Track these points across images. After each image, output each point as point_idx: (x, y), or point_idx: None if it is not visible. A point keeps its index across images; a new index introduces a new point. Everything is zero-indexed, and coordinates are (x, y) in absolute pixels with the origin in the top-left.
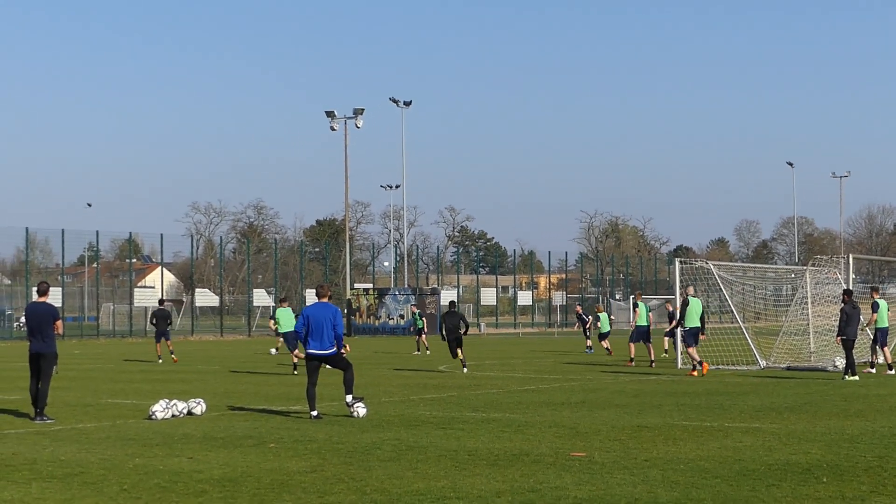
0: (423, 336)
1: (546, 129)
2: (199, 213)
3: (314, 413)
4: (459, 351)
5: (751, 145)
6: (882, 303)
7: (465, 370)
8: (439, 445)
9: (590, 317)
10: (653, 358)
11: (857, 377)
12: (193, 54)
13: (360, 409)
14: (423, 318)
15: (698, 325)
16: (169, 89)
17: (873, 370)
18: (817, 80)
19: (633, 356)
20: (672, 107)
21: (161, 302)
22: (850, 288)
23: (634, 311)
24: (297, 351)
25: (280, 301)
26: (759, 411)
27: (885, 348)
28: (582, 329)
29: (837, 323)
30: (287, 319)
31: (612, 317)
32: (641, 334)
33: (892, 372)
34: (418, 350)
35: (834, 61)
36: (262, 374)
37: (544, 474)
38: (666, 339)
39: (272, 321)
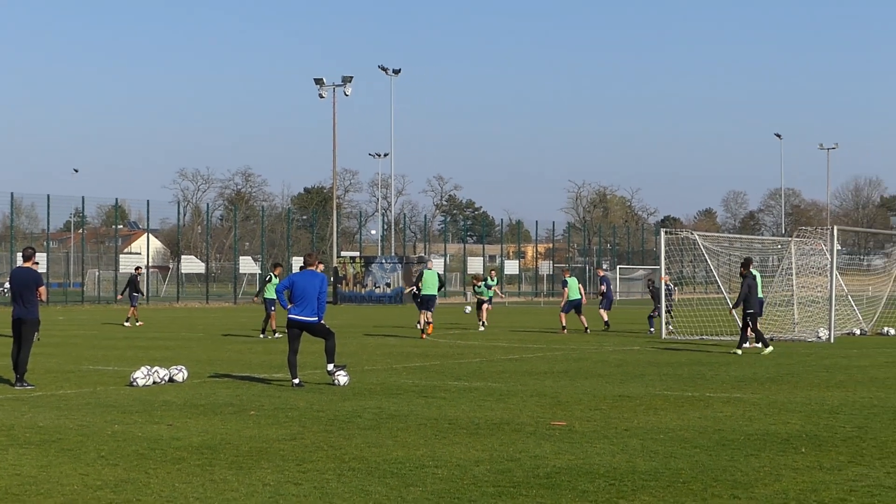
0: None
1: (535, 99)
2: (186, 180)
3: (295, 381)
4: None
5: (739, 117)
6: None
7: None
8: (420, 414)
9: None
10: (586, 325)
11: (768, 348)
12: (183, 21)
13: (342, 378)
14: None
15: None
16: (157, 55)
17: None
18: (806, 52)
19: (564, 325)
20: (661, 78)
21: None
22: (747, 259)
23: (564, 287)
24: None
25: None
26: (740, 381)
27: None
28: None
29: (739, 294)
30: (432, 282)
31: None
32: (574, 306)
33: (756, 345)
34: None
35: (822, 33)
36: (246, 342)
37: (524, 443)
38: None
39: None
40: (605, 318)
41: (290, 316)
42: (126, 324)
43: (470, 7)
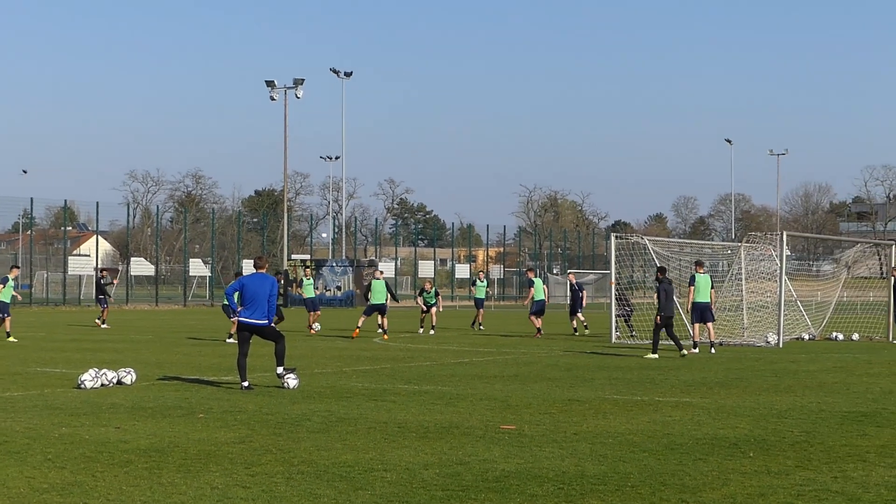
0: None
1: (486, 103)
2: (136, 182)
3: (245, 384)
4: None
5: (690, 122)
6: (700, 277)
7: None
8: (369, 417)
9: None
10: (539, 326)
11: (654, 355)
12: (134, 22)
13: (292, 381)
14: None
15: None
16: (107, 56)
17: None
18: (756, 58)
19: (539, 327)
20: (612, 83)
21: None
22: (662, 266)
23: (529, 288)
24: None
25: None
26: (689, 386)
27: (705, 324)
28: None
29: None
30: (380, 291)
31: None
32: (540, 307)
33: (696, 351)
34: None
35: (773, 39)
36: (196, 345)
37: (473, 447)
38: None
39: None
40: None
41: (240, 319)
42: (104, 325)
43: (422, 10)
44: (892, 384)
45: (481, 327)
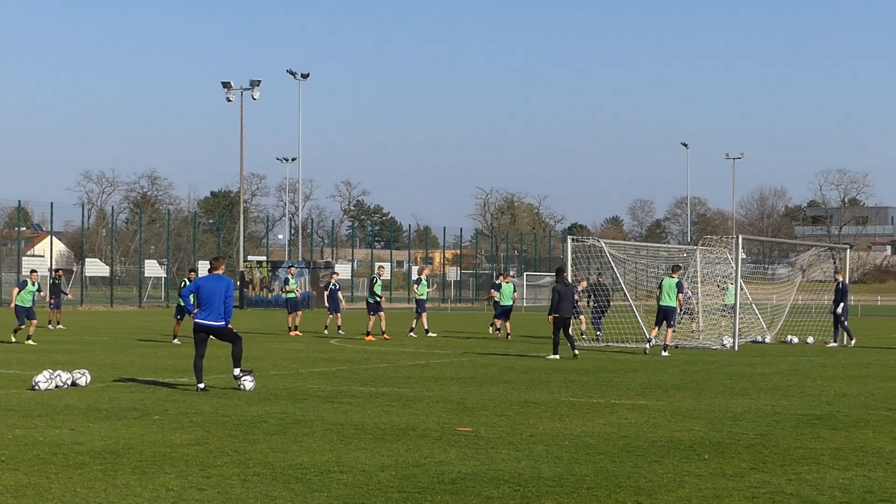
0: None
1: (443, 105)
2: (91, 183)
3: (201, 385)
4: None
5: (646, 125)
6: (668, 281)
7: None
8: (326, 419)
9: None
10: (509, 332)
11: (556, 356)
12: (90, 20)
13: (248, 383)
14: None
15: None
16: (63, 55)
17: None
18: (713, 62)
19: (509, 332)
20: (569, 85)
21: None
22: (560, 268)
23: (498, 290)
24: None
25: (500, 275)
26: (645, 388)
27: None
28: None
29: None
30: (508, 292)
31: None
32: (505, 311)
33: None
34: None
35: (729, 44)
36: (151, 346)
37: (429, 449)
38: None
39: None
40: None
41: (196, 321)
42: (60, 326)
43: (378, 12)
44: (847, 387)
45: (430, 333)
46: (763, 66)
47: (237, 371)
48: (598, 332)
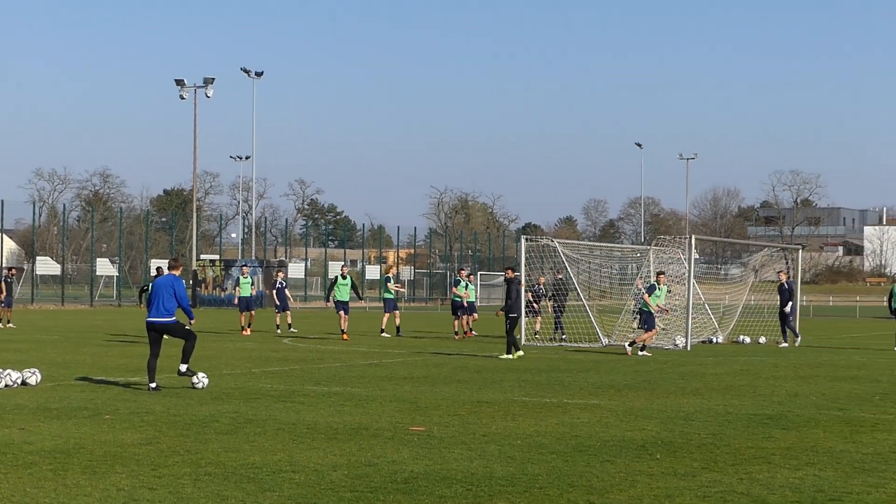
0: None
1: (397, 104)
2: (42, 180)
3: (153, 385)
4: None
5: (600, 125)
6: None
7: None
8: (278, 419)
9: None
10: (456, 330)
11: (510, 355)
12: (42, 17)
13: (203, 380)
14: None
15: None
16: (13, 51)
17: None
18: (667, 62)
19: (457, 330)
20: (523, 85)
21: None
22: (511, 266)
23: (455, 287)
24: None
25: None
26: (598, 388)
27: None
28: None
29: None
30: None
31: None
32: (464, 308)
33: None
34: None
35: (683, 43)
36: (102, 345)
37: (382, 448)
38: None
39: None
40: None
41: (147, 319)
42: (11, 325)
43: (333, 10)
44: (798, 387)
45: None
46: (716, 67)
47: (184, 367)
48: (563, 334)
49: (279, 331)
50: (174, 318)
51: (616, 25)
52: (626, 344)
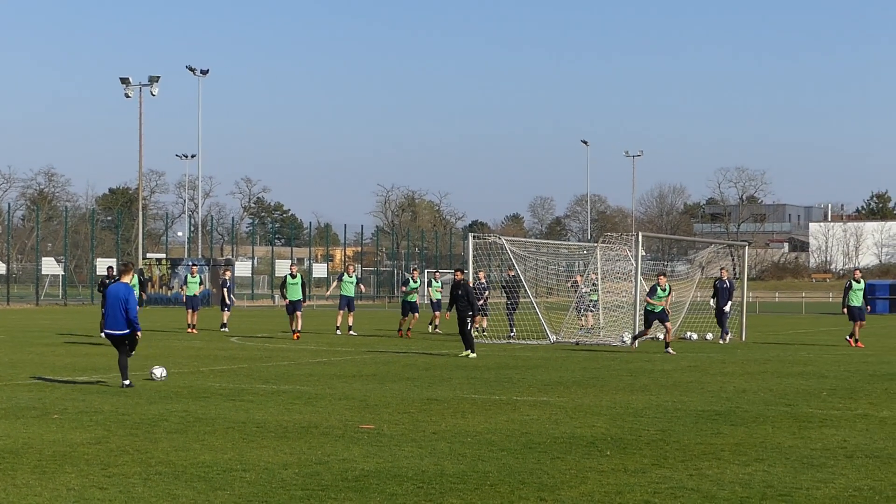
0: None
1: (343, 101)
2: None
3: (126, 382)
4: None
5: (546, 123)
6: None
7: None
8: (228, 417)
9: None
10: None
11: (472, 353)
12: None
13: (158, 372)
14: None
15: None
16: None
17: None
18: (612, 59)
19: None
20: (469, 82)
21: None
22: (459, 268)
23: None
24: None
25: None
26: (547, 385)
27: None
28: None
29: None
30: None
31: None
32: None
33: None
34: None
35: (629, 40)
36: (49, 345)
37: (332, 447)
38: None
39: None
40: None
41: (104, 332)
42: None
43: (277, 8)
44: (746, 383)
45: (351, 332)
46: (662, 64)
47: (127, 381)
48: (512, 331)
49: (226, 329)
50: (125, 330)
51: (560, 22)
52: (629, 337)
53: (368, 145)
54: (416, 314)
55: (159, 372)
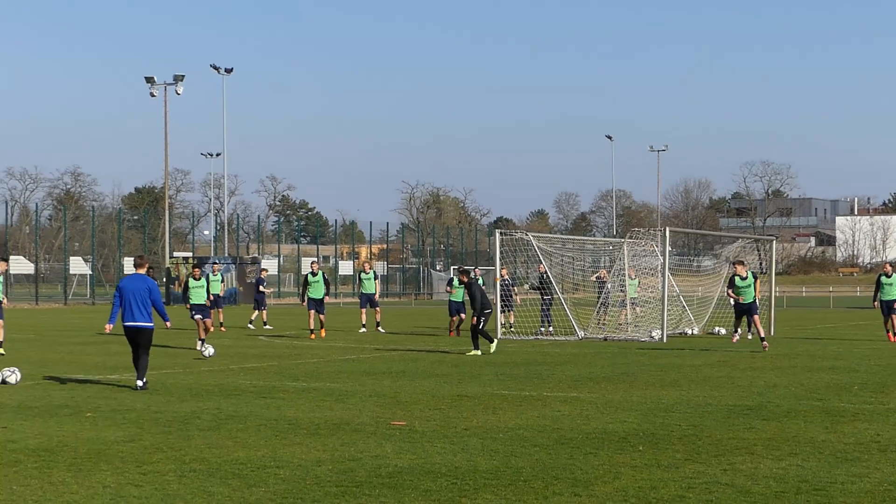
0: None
1: (368, 99)
2: (13, 179)
3: (139, 383)
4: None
5: (571, 118)
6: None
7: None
8: (259, 415)
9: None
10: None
11: (476, 351)
12: (11, 14)
13: (208, 350)
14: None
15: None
16: None
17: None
18: (637, 54)
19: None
20: (495, 78)
21: None
22: (466, 269)
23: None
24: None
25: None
26: (577, 381)
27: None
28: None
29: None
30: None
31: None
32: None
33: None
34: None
35: (653, 36)
36: (80, 343)
37: (365, 443)
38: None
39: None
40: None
41: (125, 324)
42: None
43: (302, 6)
44: (776, 378)
45: (380, 329)
46: (687, 58)
47: (140, 382)
48: (550, 327)
49: (267, 326)
50: (150, 324)
51: (586, 19)
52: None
53: (393, 142)
54: (463, 314)
55: (209, 350)
